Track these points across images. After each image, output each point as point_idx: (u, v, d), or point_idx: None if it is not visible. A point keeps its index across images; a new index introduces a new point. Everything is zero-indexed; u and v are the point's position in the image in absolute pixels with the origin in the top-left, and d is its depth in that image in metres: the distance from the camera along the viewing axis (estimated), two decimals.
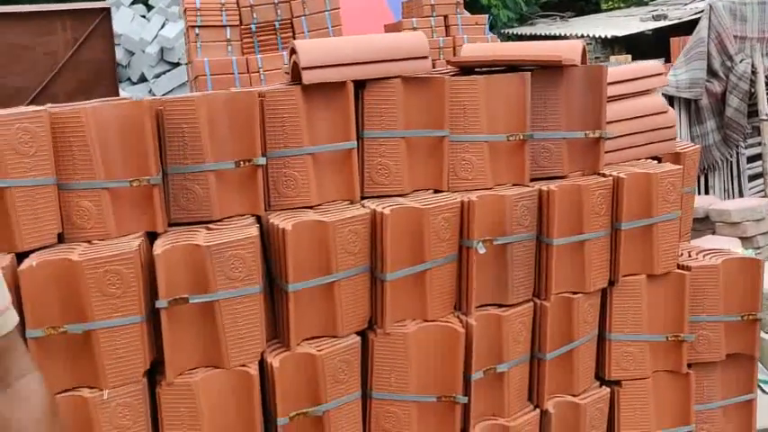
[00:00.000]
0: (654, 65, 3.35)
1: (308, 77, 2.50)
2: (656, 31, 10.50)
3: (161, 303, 2.21)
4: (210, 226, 2.45)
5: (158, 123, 2.39)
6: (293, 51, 2.60)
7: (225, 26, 6.32)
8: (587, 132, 2.86)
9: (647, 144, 3.19)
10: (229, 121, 2.44)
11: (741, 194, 8.11)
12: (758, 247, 6.57)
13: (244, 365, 2.34)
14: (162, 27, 10.81)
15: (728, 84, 7.56)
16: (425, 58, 2.66)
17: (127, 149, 2.32)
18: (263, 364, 2.40)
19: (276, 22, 6.41)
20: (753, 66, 7.58)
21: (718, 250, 3.18)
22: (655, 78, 3.28)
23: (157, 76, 10.64)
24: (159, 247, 2.23)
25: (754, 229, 6.65)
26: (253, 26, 6.37)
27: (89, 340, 2.17)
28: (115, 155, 2.32)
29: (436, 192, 2.74)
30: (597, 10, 17.26)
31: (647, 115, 3.18)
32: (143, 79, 10.80)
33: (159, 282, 2.20)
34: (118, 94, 5.56)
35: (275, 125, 2.52)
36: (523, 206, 2.69)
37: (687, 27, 9.43)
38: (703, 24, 6.95)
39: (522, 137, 2.75)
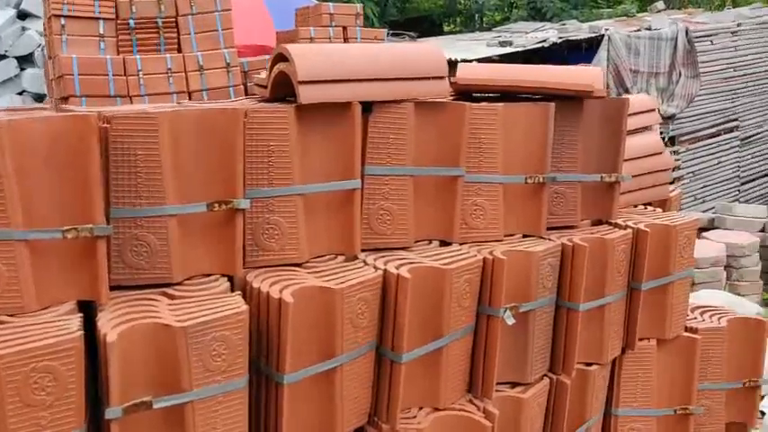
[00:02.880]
0: (647, 99, 3.02)
1: (308, 95, 1.88)
2: (502, 57, 10.52)
3: (113, 413, 1.52)
4: (169, 291, 1.77)
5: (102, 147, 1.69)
6: (281, 58, 1.97)
7: (97, 18, 5.40)
8: (603, 175, 2.45)
9: (642, 188, 2.84)
10: (201, 148, 1.78)
11: None
12: None
13: None
14: None
15: None
16: (443, 78, 2.13)
17: (59, 184, 1.60)
18: None
19: (158, 20, 5.57)
20: None
21: (716, 308, 2.88)
22: (648, 115, 2.95)
23: None
24: (110, 327, 1.54)
25: None
26: (131, 21, 5.49)
27: None
28: (41, 191, 1.59)
29: (443, 244, 2.21)
30: (441, 32, 17.27)
31: (644, 156, 2.83)
32: None
33: (111, 380, 1.51)
34: None
35: (259, 156, 1.89)
36: (548, 265, 2.23)
37: (530, 54, 9.45)
38: (602, 55, 6.92)
39: (541, 179, 2.29)
